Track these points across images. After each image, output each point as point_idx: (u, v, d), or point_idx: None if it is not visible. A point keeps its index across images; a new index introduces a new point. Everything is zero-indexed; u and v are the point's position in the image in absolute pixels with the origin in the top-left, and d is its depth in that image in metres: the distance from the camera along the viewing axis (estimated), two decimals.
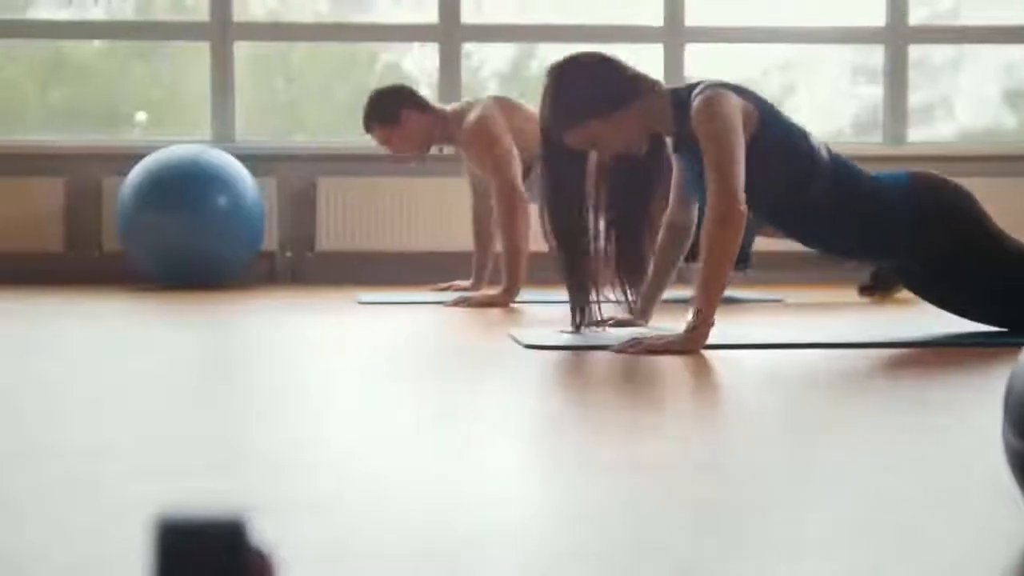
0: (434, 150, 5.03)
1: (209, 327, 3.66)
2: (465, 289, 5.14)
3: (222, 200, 5.53)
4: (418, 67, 6.71)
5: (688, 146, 3.08)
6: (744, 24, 6.53)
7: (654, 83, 3.15)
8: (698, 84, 3.10)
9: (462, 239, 5.84)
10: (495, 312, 4.29)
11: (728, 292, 5.17)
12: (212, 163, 5.59)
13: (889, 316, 4.05)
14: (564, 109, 3.10)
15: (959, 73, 7.29)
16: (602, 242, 3.26)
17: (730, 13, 6.60)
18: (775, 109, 3.13)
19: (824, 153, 3.12)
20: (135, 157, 5.78)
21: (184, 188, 5.50)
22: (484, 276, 5.17)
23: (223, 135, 6.31)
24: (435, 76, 6.45)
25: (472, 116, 4.75)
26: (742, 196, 2.92)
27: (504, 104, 4.83)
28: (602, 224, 3.26)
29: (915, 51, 6.67)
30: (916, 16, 6.64)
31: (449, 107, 4.96)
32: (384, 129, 4.87)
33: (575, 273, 3.24)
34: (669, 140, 3.21)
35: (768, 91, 7.46)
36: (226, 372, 2.60)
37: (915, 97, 6.74)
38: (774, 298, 4.95)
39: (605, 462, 1.63)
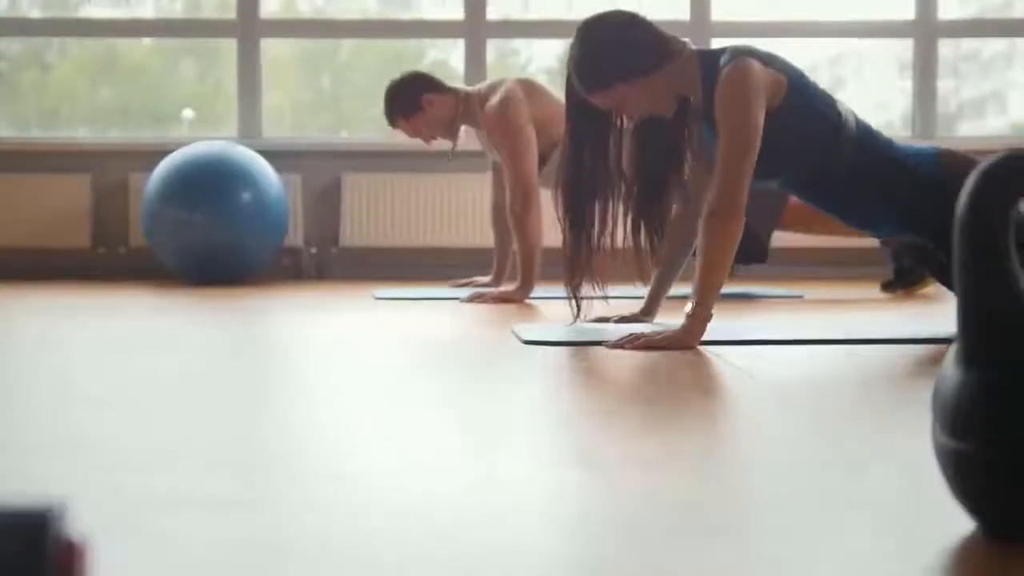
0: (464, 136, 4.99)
1: (222, 325, 3.68)
2: (485, 285, 5.13)
3: (245, 196, 5.55)
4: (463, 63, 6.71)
5: (712, 116, 3.04)
6: (770, 19, 6.49)
7: (683, 46, 3.09)
8: (727, 50, 3.06)
9: (487, 235, 5.83)
10: (509, 308, 4.28)
11: (748, 288, 5.14)
12: (236, 159, 5.61)
13: (911, 312, 4.01)
14: (590, 71, 3.05)
15: (1011, 67, 7.22)
16: (620, 214, 3.19)
17: (761, 7, 6.57)
18: (803, 76, 3.07)
19: (852, 121, 3.07)
20: (161, 153, 5.81)
21: (207, 184, 5.52)
22: (504, 272, 5.16)
23: (249, 131, 6.33)
24: (481, 72, 6.46)
25: (495, 100, 4.71)
26: (747, 190, 2.89)
27: (527, 88, 4.78)
28: (622, 200, 3.20)
29: (967, 45, 6.60)
30: (966, 10, 6.58)
31: (473, 88, 4.95)
32: (409, 119, 4.86)
33: (578, 263, 3.19)
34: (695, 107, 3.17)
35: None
36: (233, 370, 2.61)
37: (966, 92, 6.68)
38: (795, 294, 4.92)
39: (589, 459, 1.62)
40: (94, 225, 6.18)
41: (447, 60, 6.99)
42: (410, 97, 4.84)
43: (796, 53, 7.08)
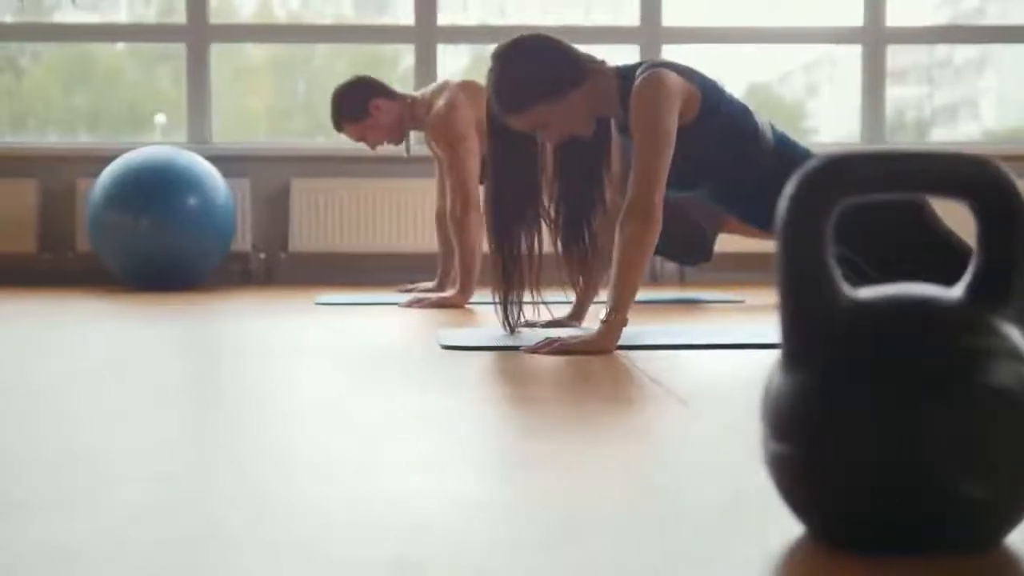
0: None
1: (149, 330, 3.66)
2: (429, 290, 5.13)
3: (191, 201, 5.53)
4: (445, 66, 6.72)
5: (629, 127, 3.05)
6: (721, 24, 6.51)
7: (601, 64, 3.12)
8: (644, 63, 3.08)
9: (435, 239, 5.84)
10: (449, 313, 4.28)
11: (694, 294, 5.15)
12: (182, 165, 5.60)
13: None
14: (510, 93, 3.06)
15: (983, 74, 7.26)
16: (548, 230, 3.23)
17: (711, 13, 6.59)
18: (719, 88, 3.10)
19: (768, 131, 3.10)
20: (108, 159, 5.80)
21: (152, 190, 5.51)
22: (449, 277, 5.16)
23: (199, 137, 6.32)
24: (460, 77, 6.47)
25: (440, 105, 4.73)
26: (662, 193, 2.89)
27: (472, 90, 4.78)
28: (551, 211, 3.24)
29: (940, 51, 6.65)
30: (942, 15, 6.63)
31: (418, 92, 4.95)
32: (356, 124, 4.86)
33: (507, 279, 3.21)
34: (614, 122, 3.20)
35: (792, 92, 7.50)
36: (155, 377, 2.60)
37: (940, 98, 6.73)
38: (736, 299, 4.93)
39: (458, 460, 1.62)
40: (40, 230, 6.16)
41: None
42: (359, 102, 4.83)
43: (768, 60, 7.13)
